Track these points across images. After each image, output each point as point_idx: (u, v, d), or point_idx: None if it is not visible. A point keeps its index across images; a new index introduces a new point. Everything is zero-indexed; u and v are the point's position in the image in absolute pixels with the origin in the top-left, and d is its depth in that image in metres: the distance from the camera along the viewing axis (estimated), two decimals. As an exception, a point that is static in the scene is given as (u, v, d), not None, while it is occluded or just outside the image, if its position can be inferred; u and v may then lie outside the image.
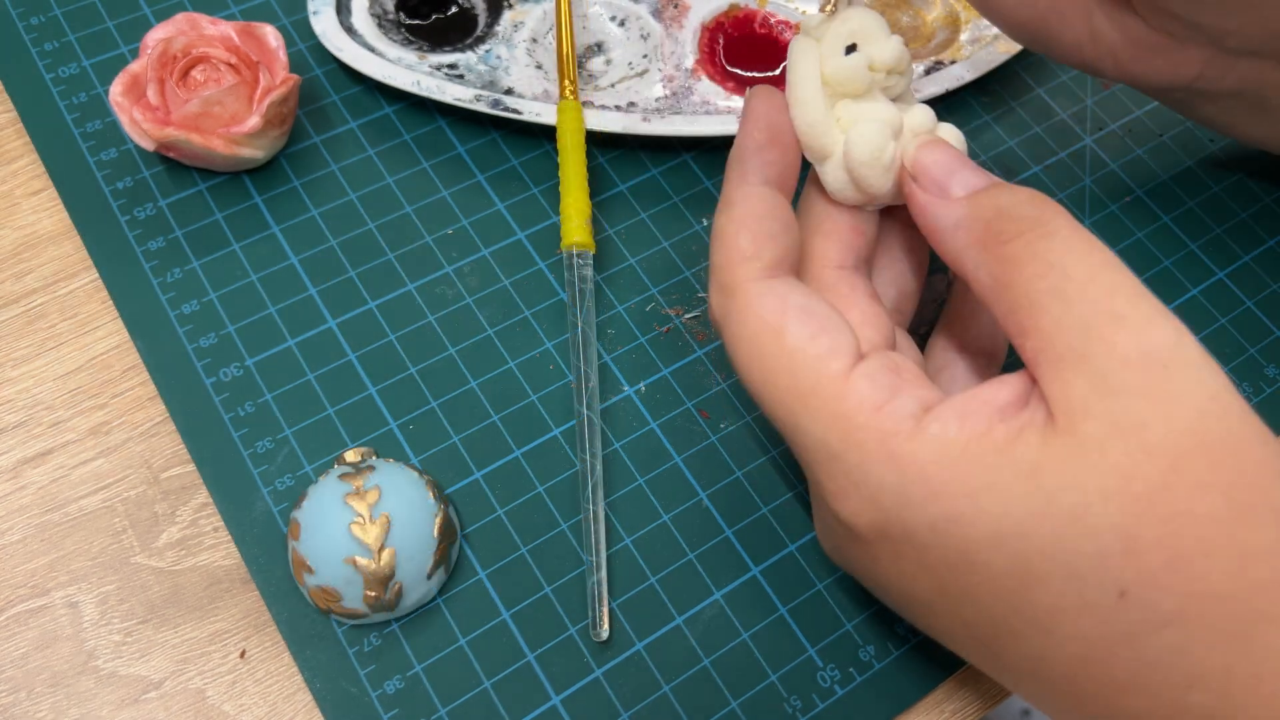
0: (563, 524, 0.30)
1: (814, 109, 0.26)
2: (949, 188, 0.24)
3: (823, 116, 0.26)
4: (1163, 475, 0.19)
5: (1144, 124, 0.39)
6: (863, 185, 0.26)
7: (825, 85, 0.26)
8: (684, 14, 0.37)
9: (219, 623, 0.28)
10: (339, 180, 0.35)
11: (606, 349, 0.33)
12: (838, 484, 0.23)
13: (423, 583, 0.27)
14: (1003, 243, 0.23)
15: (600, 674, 0.28)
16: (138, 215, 0.33)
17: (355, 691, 0.27)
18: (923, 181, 0.25)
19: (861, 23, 0.26)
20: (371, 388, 0.31)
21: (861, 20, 0.26)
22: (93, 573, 0.28)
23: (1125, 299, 0.21)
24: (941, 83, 0.36)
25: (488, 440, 0.31)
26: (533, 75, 0.36)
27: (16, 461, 0.30)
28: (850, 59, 0.25)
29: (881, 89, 0.26)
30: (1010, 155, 0.38)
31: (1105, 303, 0.21)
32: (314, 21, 0.35)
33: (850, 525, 0.23)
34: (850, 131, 0.25)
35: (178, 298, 0.32)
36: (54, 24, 0.37)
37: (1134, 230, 0.36)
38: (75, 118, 0.35)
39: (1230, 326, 0.35)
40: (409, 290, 0.33)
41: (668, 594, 0.29)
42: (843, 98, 0.26)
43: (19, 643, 0.27)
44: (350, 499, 0.27)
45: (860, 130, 0.25)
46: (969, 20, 0.38)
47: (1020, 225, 0.22)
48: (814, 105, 0.26)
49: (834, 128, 0.26)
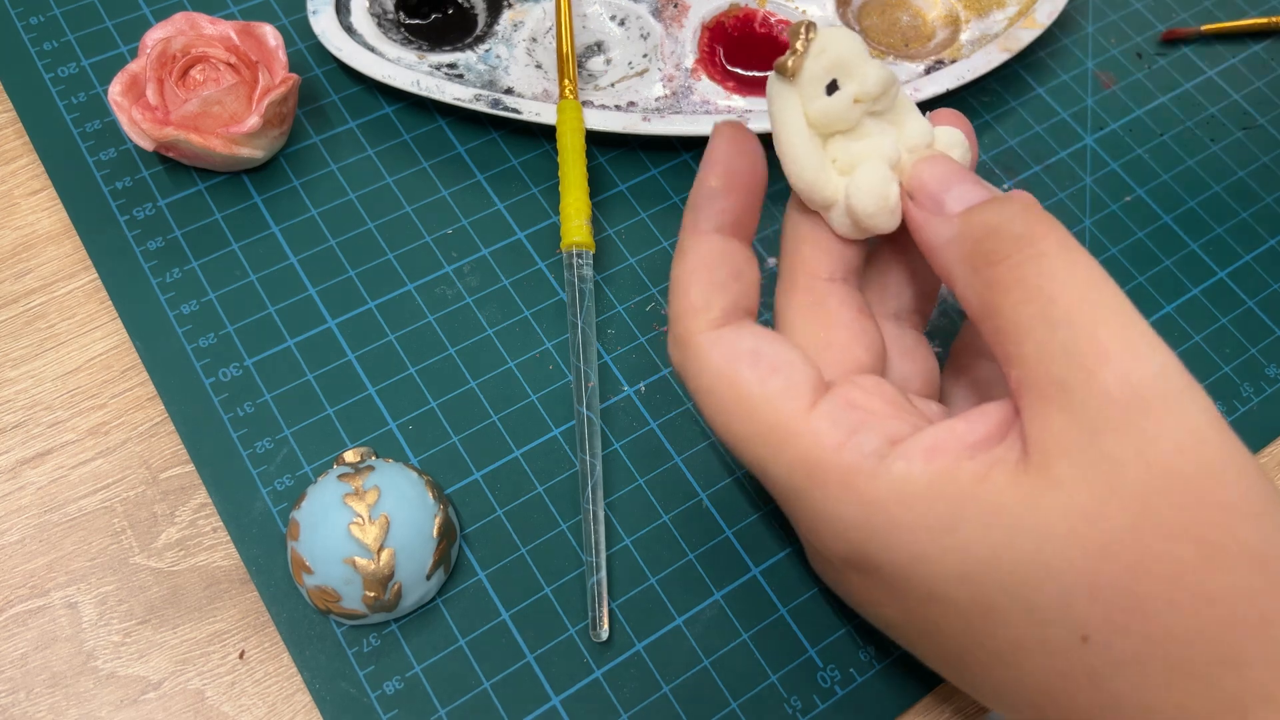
0: (562, 524, 0.30)
1: (808, 165, 0.24)
2: (944, 203, 0.23)
3: (818, 170, 0.24)
4: (1132, 519, 0.19)
5: (1145, 123, 0.39)
6: (870, 229, 0.25)
7: (812, 126, 0.24)
8: (684, 13, 0.37)
9: (218, 623, 0.28)
10: (338, 180, 0.35)
11: (606, 349, 0.32)
12: (806, 520, 0.23)
13: (422, 583, 0.27)
14: (990, 265, 0.22)
15: (600, 674, 0.28)
16: (137, 215, 0.33)
17: (355, 692, 0.27)
18: (919, 198, 0.24)
19: (838, 53, 0.24)
20: (371, 388, 0.31)
21: (837, 50, 0.24)
22: (92, 573, 0.28)
23: (1111, 328, 0.20)
24: (941, 83, 0.36)
25: (487, 440, 0.31)
26: (532, 75, 0.36)
27: (15, 462, 0.30)
28: (835, 99, 0.24)
29: (871, 114, 0.25)
30: (1011, 155, 0.38)
31: (1089, 331, 0.20)
32: (313, 21, 0.35)
33: (823, 555, 0.23)
34: (850, 184, 0.24)
35: (177, 298, 0.32)
36: (53, 24, 0.37)
37: (1135, 230, 0.36)
38: (74, 118, 0.35)
39: (1231, 326, 0.35)
40: (408, 290, 0.33)
41: (667, 594, 0.29)
42: (833, 135, 0.25)
43: (18, 643, 0.27)
44: (349, 499, 0.27)
45: (860, 183, 0.24)
46: (969, 20, 0.38)
47: (1008, 246, 0.22)
48: (807, 160, 0.24)
49: (831, 175, 0.24)
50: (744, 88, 0.36)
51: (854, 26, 0.38)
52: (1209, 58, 0.41)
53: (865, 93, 0.24)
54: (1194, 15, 0.42)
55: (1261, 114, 0.39)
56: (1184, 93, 0.40)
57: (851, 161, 0.24)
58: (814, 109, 0.24)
